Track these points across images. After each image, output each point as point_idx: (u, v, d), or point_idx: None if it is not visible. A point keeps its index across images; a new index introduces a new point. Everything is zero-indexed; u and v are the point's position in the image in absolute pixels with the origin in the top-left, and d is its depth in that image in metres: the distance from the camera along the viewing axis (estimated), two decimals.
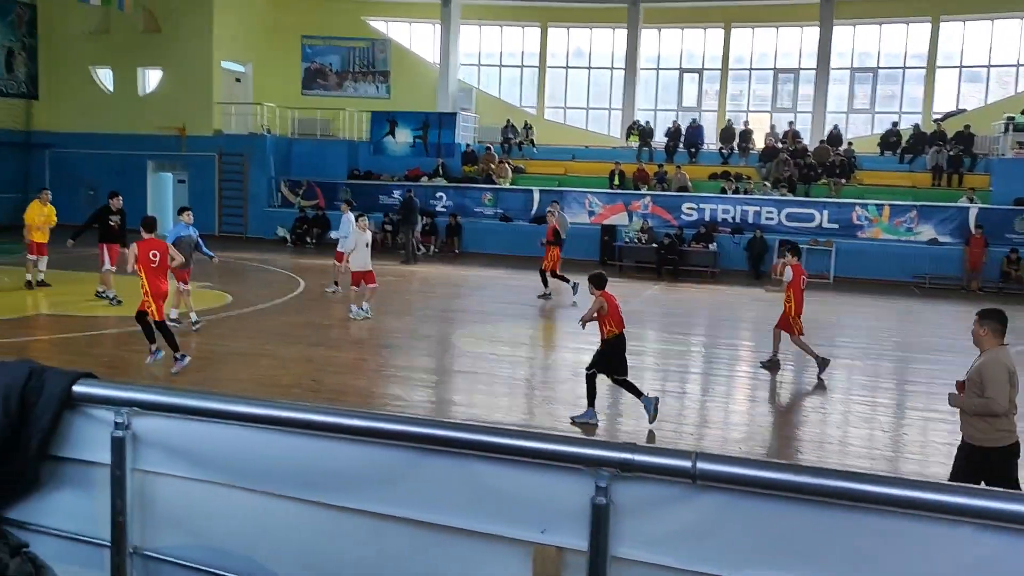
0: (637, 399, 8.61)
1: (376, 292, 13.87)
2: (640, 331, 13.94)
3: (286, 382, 9.69)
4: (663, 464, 1.45)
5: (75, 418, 1.85)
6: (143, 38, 26.61)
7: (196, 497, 1.82)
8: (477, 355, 11.60)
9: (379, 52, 29.55)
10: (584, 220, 23.05)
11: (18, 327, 11.96)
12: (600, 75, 29.10)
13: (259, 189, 26.32)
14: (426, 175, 25.84)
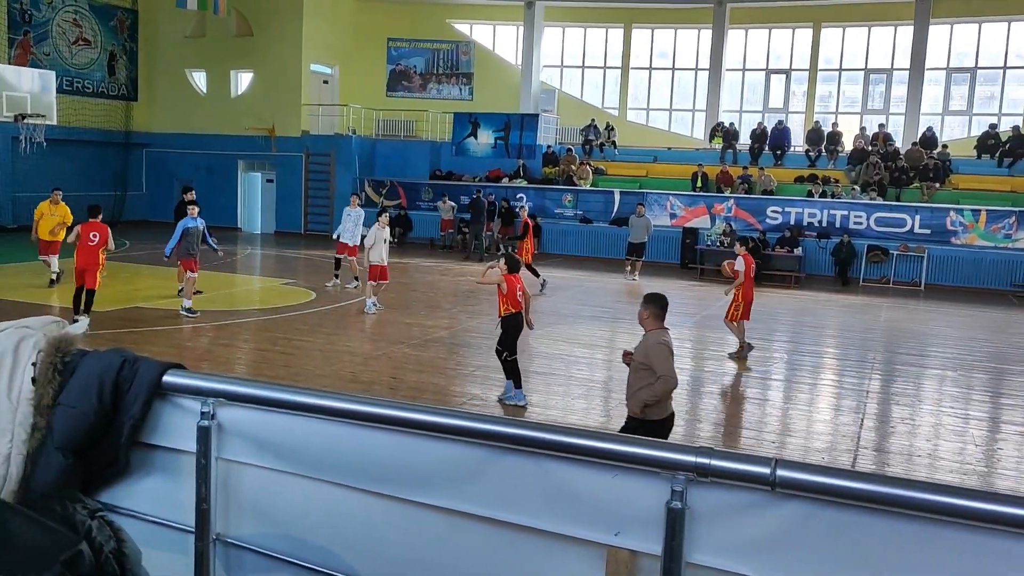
0: (512, 384, 9.06)
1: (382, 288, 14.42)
2: (720, 336, 13.72)
3: (366, 379, 9.87)
4: (741, 470, 1.42)
5: (164, 407, 1.91)
6: (236, 42, 27.48)
7: (276, 487, 1.86)
8: (553, 356, 11.59)
9: (463, 54, 29.82)
10: (665, 223, 22.81)
11: (111, 319, 12.47)
12: (684, 76, 28.75)
13: (344, 188, 26.84)
14: (507, 176, 25.96)
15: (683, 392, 10.31)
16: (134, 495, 1.93)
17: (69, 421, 1.89)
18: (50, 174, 24.88)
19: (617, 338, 13.46)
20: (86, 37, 27.28)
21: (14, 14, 24.83)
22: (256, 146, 27.53)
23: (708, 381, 10.73)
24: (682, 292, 18.49)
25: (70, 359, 1.95)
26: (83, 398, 1.90)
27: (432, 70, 30.13)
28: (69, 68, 26.36)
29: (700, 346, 12.91)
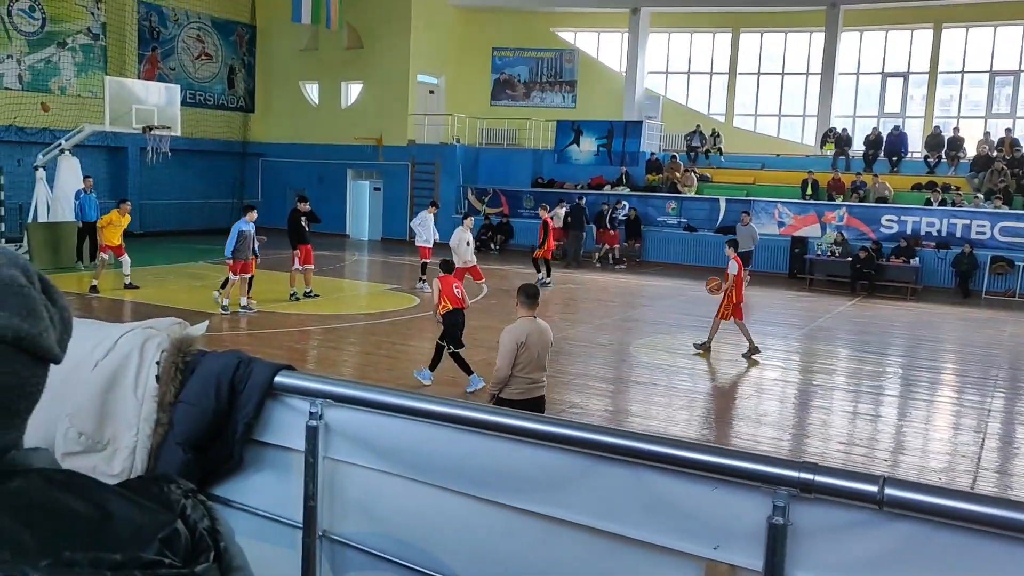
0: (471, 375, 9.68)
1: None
2: (830, 348, 13.30)
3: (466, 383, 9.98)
4: (846, 487, 1.37)
5: (275, 406, 1.99)
6: (347, 54, 28.33)
7: (380, 487, 1.91)
8: (655, 366, 11.46)
9: (566, 62, 29.89)
10: (773, 231, 22.25)
11: (231, 321, 13.02)
12: (794, 81, 27.98)
13: (448, 196, 27.29)
14: (609, 183, 25.84)
15: (792, 406, 10.03)
16: (247, 490, 2.02)
17: (189, 418, 1.99)
18: (174, 183, 26.24)
19: (721, 348, 13.20)
20: (208, 52, 28.64)
21: (144, 31, 26.30)
22: (364, 155, 28.29)
23: (818, 395, 10.40)
24: (790, 303, 17.99)
25: (191, 359, 2.06)
26: (202, 396, 2.00)
27: (536, 78, 30.31)
28: (192, 82, 27.73)
29: (808, 359, 12.53)
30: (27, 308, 0.83)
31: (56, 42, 23.94)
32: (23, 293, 0.83)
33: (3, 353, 0.81)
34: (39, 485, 0.84)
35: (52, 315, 0.87)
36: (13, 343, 0.81)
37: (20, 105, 22.65)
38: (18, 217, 20.28)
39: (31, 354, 0.83)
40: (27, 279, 0.85)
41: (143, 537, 0.83)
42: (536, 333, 6.36)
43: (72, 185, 18.75)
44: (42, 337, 0.83)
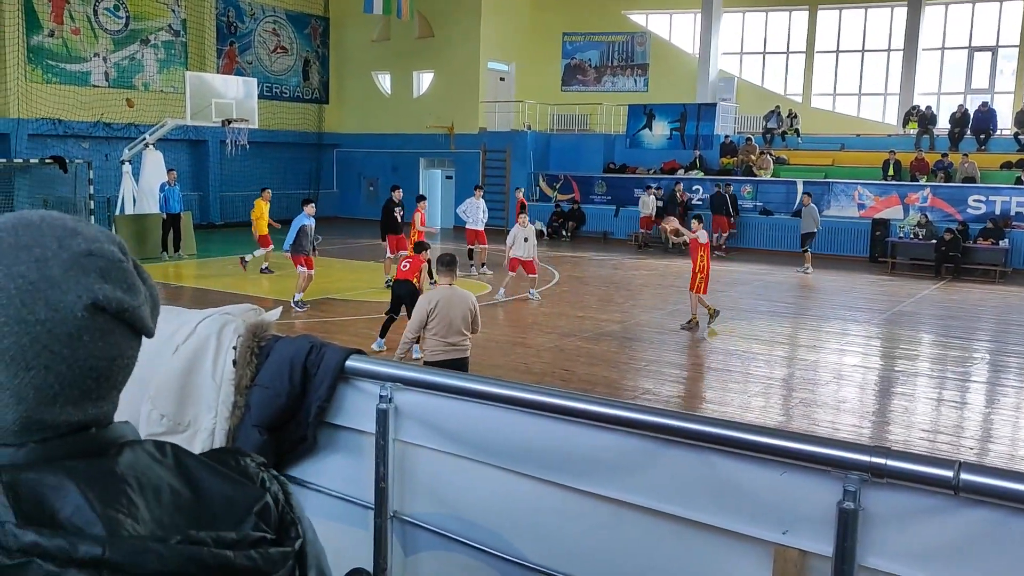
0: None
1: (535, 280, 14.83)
2: (913, 334, 12.91)
3: (538, 370, 10.01)
4: (920, 472, 1.34)
5: (346, 389, 2.04)
6: (418, 43, 28.54)
7: (449, 470, 1.94)
8: (730, 352, 11.29)
9: (638, 45, 29.52)
10: (853, 214, 21.65)
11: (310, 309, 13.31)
12: (874, 58, 27.07)
13: (519, 183, 27.27)
14: (682, 167, 25.47)
15: (873, 392, 9.77)
16: (320, 472, 2.08)
17: (264, 400, 2.05)
18: (252, 174, 26.88)
19: (798, 335, 12.93)
20: (283, 45, 29.22)
21: (222, 27, 26.97)
22: (436, 144, 28.51)
23: (900, 382, 10.10)
24: (871, 287, 17.49)
25: (265, 344, 2.12)
26: (276, 380, 2.06)
27: (607, 63, 30.03)
28: (268, 75, 28.34)
29: (891, 344, 12.17)
30: (128, 282, 0.86)
31: (139, 39, 24.75)
32: (123, 268, 0.87)
33: (106, 324, 0.84)
34: (144, 458, 0.87)
35: (144, 292, 0.90)
36: (116, 315, 0.84)
37: (106, 101, 23.51)
38: (106, 210, 21.07)
39: (129, 326, 0.86)
40: (123, 255, 0.89)
41: (237, 512, 0.86)
42: (448, 299, 6.78)
43: (156, 178, 19.39)
44: (140, 310, 0.87)
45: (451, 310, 6.71)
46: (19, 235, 0.84)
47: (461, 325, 6.77)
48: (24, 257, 0.82)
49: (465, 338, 6.86)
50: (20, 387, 0.82)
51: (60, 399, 0.83)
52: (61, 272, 0.82)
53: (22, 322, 0.81)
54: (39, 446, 0.83)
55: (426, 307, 6.75)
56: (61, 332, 0.82)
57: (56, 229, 0.85)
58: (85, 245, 0.85)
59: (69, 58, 23.09)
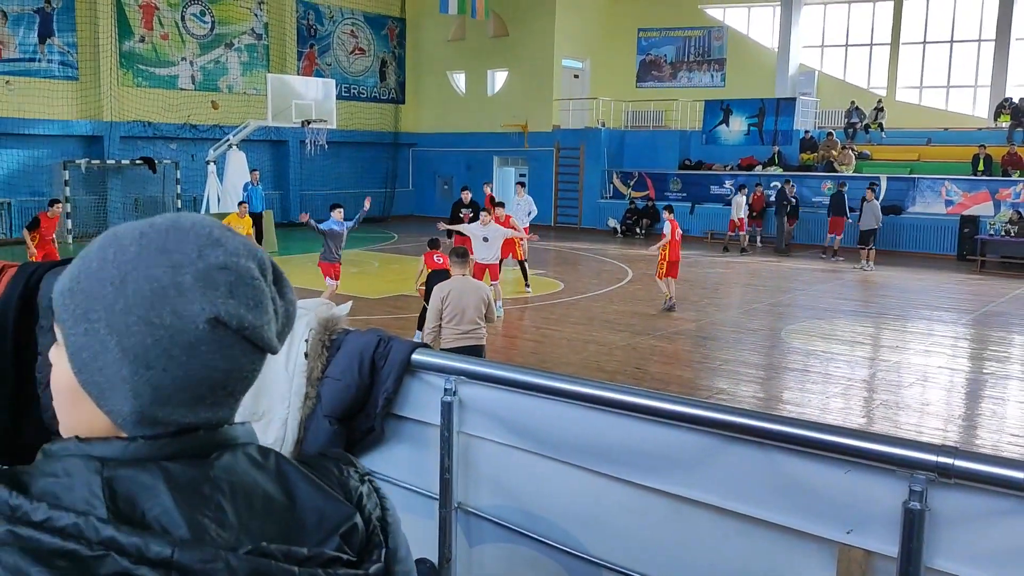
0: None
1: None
2: (1004, 335, 12.41)
3: (610, 368, 9.97)
4: (988, 472, 1.30)
5: (412, 382, 2.08)
6: (492, 42, 28.69)
7: (512, 462, 1.96)
8: (809, 352, 11.04)
9: (715, 40, 29.06)
10: (940, 210, 20.92)
11: (381, 305, 13.53)
12: (964, 49, 26.05)
13: (593, 181, 27.22)
14: (760, 164, 24.98)
15: (960, 395, 9.44)
16: (387, 462, 2.13)
17: (334, 392, 2.11)
18: (330, 173, 27.46)
19: (881, 335, 12.57)
20: (361, 47, 29.73)
21: (302, 30, 27.61)
22: (510, 142, 28.61)
23: (989, 384, 9.72)
24: (959, 286, 16.87)
25: (336, 337, 2.18)
26: (346, 372, 2.11)
27: (683, 58, 29.65)
28: (347, 76, 28.87)
29: (979, 345, 11.72)
30: (255, 300, 0.87)
31: (224, 43, 25.51)
32: (254, 285, 0.88)
33: (226, 338, 0.86)
34: (243, 463, 0.89)
35: (278, 308, 0.91)
36: (236, 330, 0.86)
37: (193, 104, 24.33)
38: (192, 208, 21.81)
39: (251, 343, 0.88)
40: (261, 272, 0.90)
41: (325, 528, 0.88)
42: (461, 289, 7.07)
43: (240, 177, 19.98)
44: (264, 329, 0.88)
45: (464, 299, 7.00)
46: (167, 238, 0.87)
47: (475, 314, 7.03)
48: (164, 261, 0.85)
49: (479, 326, 7.10)
50: (139, 383, 0.85)
51: (174, 400, 0.86)
52: (192, 281, 0.85)
53: (149, 324, 0.84)
54: (147, 443, 0.86)
55: (440, 296, 7.03)
56: (182, 339, 0.84)
57: (200, 238, 0.88)
58: (222, 258, 0.87)
59: (158, 62, 23.96)
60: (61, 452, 0.86)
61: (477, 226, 12.58)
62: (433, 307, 7.12)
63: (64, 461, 0.84)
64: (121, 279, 0.85)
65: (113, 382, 0.86)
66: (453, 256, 7.53)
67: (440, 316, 7.05)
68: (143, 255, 0.86)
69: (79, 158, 22.00)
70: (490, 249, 12.49)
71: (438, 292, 7.14)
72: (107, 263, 0.87)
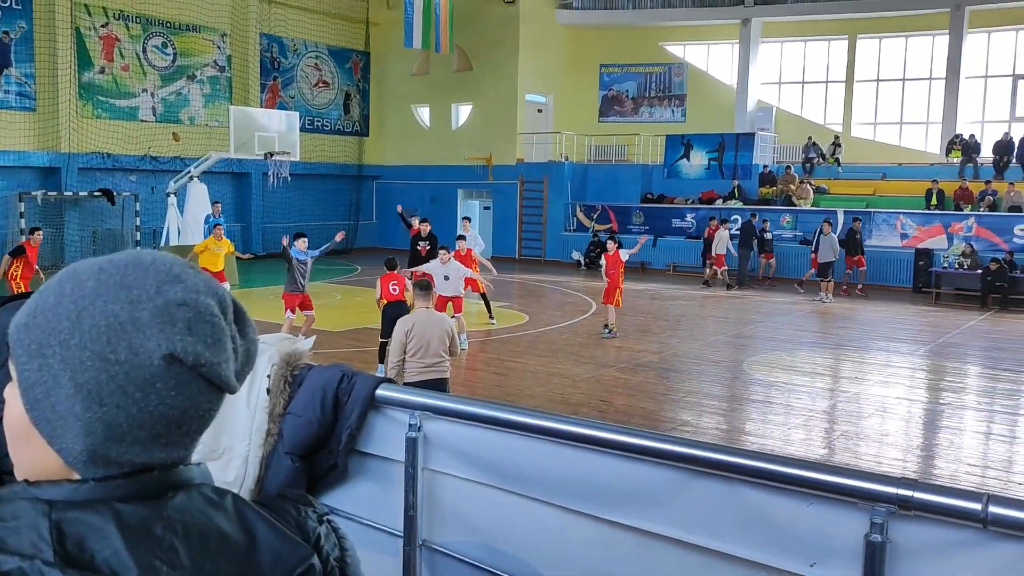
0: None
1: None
2: (959, 365, 12.65)
3: (575, 400, 9.97)
4: (948, 504, 1.32)
5: (377, 418, 2.06)
6: (456, 76, 28.91)
7: (477, 499, 1.95)
8: (770, 383, 11.14)
9: (675, 76, 29.59)
10: (895, 243, 21.35)
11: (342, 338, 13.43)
12: (916, 87, 26.81)
13: (556, 214, 27.40)
14: (720, 197, 25.37)
15: (918, 426, 9.58)
16: (351, 499, 2.10)
17: (296, 428, 2.08)
18: (293, 206, 27.33)
19: (840, 366, 12.74)
20: (325, 79, 29.79)
21: (265, 62, 27.60)
22: (474, 175, 28.75)
23: (946, 415, 9.88)
24: (915, 318, 17.19)
25: (298, 372, 2.15)
26: (308, 408, 2.09)
27: (644, 94, 30.12)
28: (310, 108, 28.88)
29: (936, 376, 11.92)
30: (214, 337, 0.86)
31: (186, 75, 25.40)
32: (213, 323, 0.87)
33: (182, 375, 0.85)
34: (198, 503, 0.88)
35: (237, 347, 0.90)
36: (193, 367, 0.85)
37: (154, 136, 24.13)
38: (152, 241, 21.54)
39: (208, 381, 0.86)
40: (221, 309, 0.89)
41: (282, 569, 0.87)
42: (425, 322, 7.06)
43: (201, 210, 19.80)
44: (221, 367, 0.87)
45: (427, 332, 6.97)
46: (126, 274, 0.86)
47: (439, 347, 7.01)
48: (122, 296, 0.84)
49: (443, 360, 7.08)
50: (91, 421, 0.83)
51: (128, 439, 0.85)
52: (150, 317, 0.84)
53: (104, 359, 0.83)
54: (98, 485, 0.84)
55: (404, 330, 7.00)
56: (137, 376, 0.83)
57: (160, 274, 0.87)
58: (182, 294, 0.86)
59: (118, 94, 23.77)
60: (9, 496, 0.84)
61: (437, 264, 12.39)
62: (397, 340, 7.05)
63: (12, 504, 0.82)
64: (78, 314, 0.84)
65: (65, 419, 0.84)
66: (417, 289, 7.49)
67: (404, 350, 7.00)
68: (101, 290, 0.85)
69: (35, 190, 21.66)
70: (451, 286, 12.44)
71: (402, 325, 7.09)
72: (64, 298, 0.86)
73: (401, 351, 7.00)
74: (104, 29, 23.33)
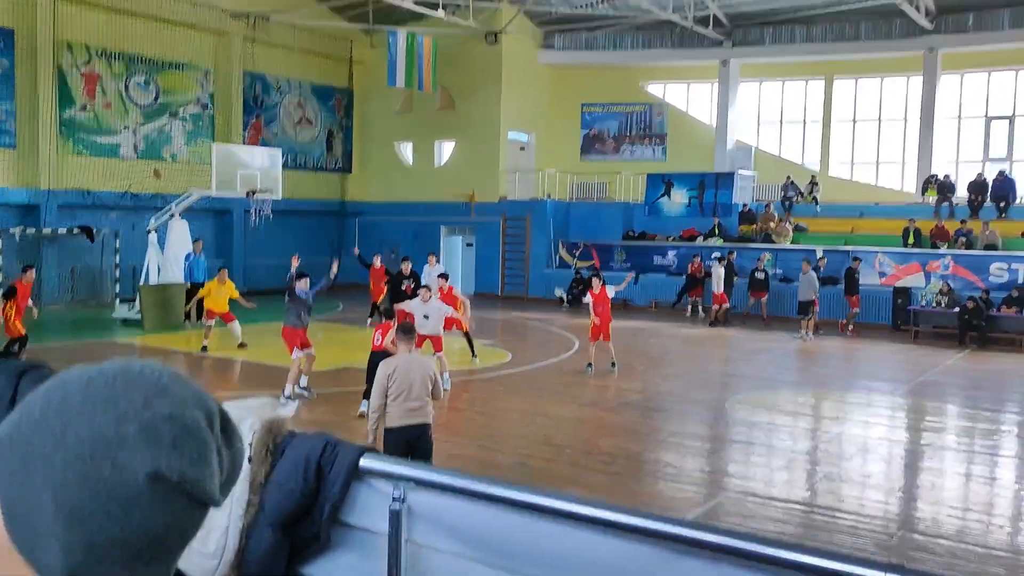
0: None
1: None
2: (939, 405, 12.73)
3: (559, 442, 9.93)
4: None
5: (360, 488, 2.04)
6: (439, 114, 29.10)
7: (461, 573, 1.92)
8: (753, 423, 11.15)
9: (656, 115, 29.95)
10: (874, 281, 21.54)
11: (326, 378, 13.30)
12: (892, 127, 27.26)
13: (539, 251, 27.49)
14: (701, 235, 25.57)
15: (899, 466, 9.60)
16: (332, 571, 2.06)
17: (278, 498, 2.05)
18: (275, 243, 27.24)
19: (822, 406, 12.78)
20: (308, 117, 29.89)
21: (248, 99, 27.67)
22: (457, 212, 28.83)
23: (927, 455, 9.92)
24: (894, 356, 17.32)
25: (281, 440, 2.13)
26: (291, 478, 2.06)
27: (625, 132, 30.44)
28: (293, 145, 28.92)
29: (916, 416, 11.99)
30: (199, 452, 0.85)
31: (168, 112, 25.40)
32: (200, 437, 0.86)
33: (166, 493, 0.83)
34: None
35: (223, 459, 0.89)
36: (177, 484, 0.83)
37: (135, 172, 24.03)
38: (132, 278, 21.37)
39: (192, 497, 0.85)
40: (208, 421, 0.88)
41: None
42: (407, 365, 6.96)
43: (182, 248, 19.69)
44: (205, 483, 0.85)
45: (410, 375, 6.88)
46: (114, 386, 0.85)
47: (421, 391, 6.90)
48: (109, 411, 0.83)
49: (426, 404, 6.96)
50: (71, 541, 0.82)
51: (109, 558, 0.83)
52: (136, 433, 0.83)
53: (87, 478, 0.81)
54: None
55: (386, 373, 6.91)
56: (120, 494, 0.82)
57: (148, 387, 0.86)
58: (168, 409, 0.85)
59: (100, 131, 23.73)
60: None
61: (418, 303, 12.47)
62: (379, 384, 6.96)
63: None
64: (62, 429, 0.83)
65: (45, 539, 0.82)
66: (399, 332, 7.43)
67: (386, 393, 6.90)
68: (87, 404, 0.84)
69: (13, 227, 21.49)
70: (431, 325, 12.38)
71: (384, 369, 7.01)
72: (50, 411, 0.85)
73: (382, 394, 6.90)
74: (87, 67, 23.34)
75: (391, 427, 6.89)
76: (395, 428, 6.87)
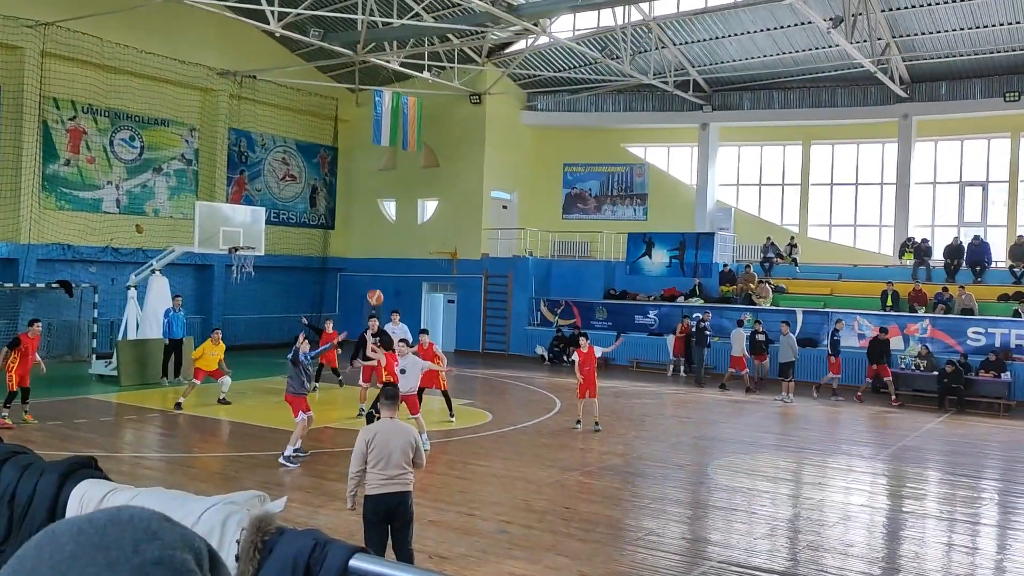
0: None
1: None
2: (920, 471, 12.74)
3: (539, 508, 9.82)
4: None
5: None
6: (423, 172, 29.38)
7: None
8: (734, 489, 11.09)
9: (637, 176, 30.36)
10: (852, 343, 21.69)
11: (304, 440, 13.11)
12: (868, 191, 27.76)
13: (520, 308, 27.55)
14: (682, 295, 25.74)
15: (881, 535, 9.55)
16: None
17: None
18: (255, 298, 27.13)
19: (803, 471, 12.75)
20: (292, 173, 30.05)
21: (233, 156, 27.81)
22: (439, 269, 28.92)
23: (908, 524, 9.89)
24: (874, 419, 17.37)
25: (269, 538, 2.10)
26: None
27: (607, 192, 30.81)
28: (276, 201, 29.02)
29: (897, 482, 11.98)
30: None
31: (152, 168, 25.47)
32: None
33: None
34: None
35: None
36: None
37: (117, 227, 23.97)
38: (110, 333, 21.16)
39: None
40: (197, 563, 0.89)
41: None
42: (387, 433, 6.84)
43: (162, 303, 19.56)
44: None
45: (390, 442, 6.74)
46: (105, 534, 0.86)
47: (401, 458, 6.75)
48: (100, 559, 0.84)
49: (406, 472, 6.80)
50: None
51: None
52: None
53: None
54: None
55: (365, 439, 6.78)
56: None
57: (138, 532, 0.87)
58: (157, 553, 0.86)
59: (83, 185, 23.71)
60: None
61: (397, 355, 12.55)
62: (358, 451, 6.82)
63: None
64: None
65: None
66: (382, 398, 7.31)
67: (365, 460, 6.77)
68: (79, 553, 0.85)
69: None
70: (407, 381, 12.33)
71: (363, 435, 6.88)
72: (41, 565, 0.85)
73: (361, 461, 6.77)
74: (72, 122, 23.43)
75: (370, 494, 6.76)
76: (374, 495, 6.75)
